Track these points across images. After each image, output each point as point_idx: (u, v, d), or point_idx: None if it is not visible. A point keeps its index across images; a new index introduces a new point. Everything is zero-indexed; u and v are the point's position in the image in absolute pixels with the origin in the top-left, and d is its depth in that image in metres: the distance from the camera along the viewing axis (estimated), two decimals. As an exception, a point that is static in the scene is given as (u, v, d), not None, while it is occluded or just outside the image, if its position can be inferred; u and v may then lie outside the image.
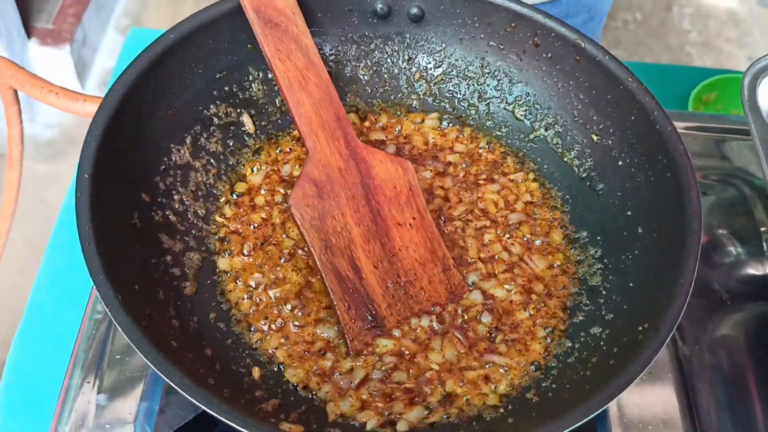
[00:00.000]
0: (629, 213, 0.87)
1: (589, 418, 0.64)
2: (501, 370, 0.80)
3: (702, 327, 1.00)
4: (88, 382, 0.86)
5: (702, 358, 0.96)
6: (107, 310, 0.67)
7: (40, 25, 2.82)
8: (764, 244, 1.10)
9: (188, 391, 0.63)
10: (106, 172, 0.76)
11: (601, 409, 0.65)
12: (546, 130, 0.98)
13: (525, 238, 0.91)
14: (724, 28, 3.41)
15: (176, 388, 0.63)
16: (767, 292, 1.06)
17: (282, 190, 0.92)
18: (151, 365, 0.64)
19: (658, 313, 0.72)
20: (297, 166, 0.94)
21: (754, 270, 1.09)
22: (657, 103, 0.86)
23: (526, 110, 0.99)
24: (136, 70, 0.82)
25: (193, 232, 0.87)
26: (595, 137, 0.93)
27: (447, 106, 1.02)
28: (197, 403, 0.62)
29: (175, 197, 0.86)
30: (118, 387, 0.86)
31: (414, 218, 0.87)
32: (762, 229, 1.12)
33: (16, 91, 1.13)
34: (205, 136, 0.91)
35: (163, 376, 0.63)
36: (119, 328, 0.66)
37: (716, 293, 1.03)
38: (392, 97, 1.02)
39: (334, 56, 1.00)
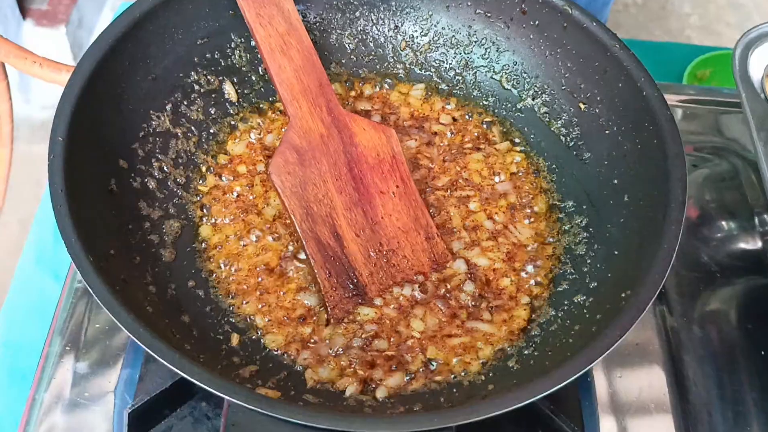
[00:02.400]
0: (615, 182, 0.86)
1: (568, 381, 0.63)
2: (483, 338, 0.79)
3: (691, 300, 0.99)
4: (68, 350, 0.85)
5: (691, 331, 0.95)
6: (79, 272, 0.65)
7: (36, 6, 2.80)
8: (755, 218, 1.09)
9: (160, 353, 0.62)
10: (82, 136, 0.75)
11: (580, 373, 0.64)
12: (533, 99, 0.96)
13: (510, 207, 0.89)
14: (724, 12, 3.39)
15: (148, 350, 0.62)
16: (757, 266, 1.05)
17: (264, 160, 0.91)
18: (123, 328, 0.63)
19: (641, 279, 0.71)
20: (280, 136, 0.93)
21: (744, 244, 1.08)
22: (644, 69, 0.85)
23: (513, 79, 0.98)
24: (113, 34, 0.81)
25: (174, 200, 0.86)
26: (582, 106, 0.92)
27: (433, 75, 1.00)
28: (170, 365, 0.61)
29: (155, 164, 0.85)
30: (98, 356, 0.85)
31: (397, 186, 0.86)
32: (753, 202, 1.10)
33: (3, 66, 1.12)
34: (185, 103, 0.90)
35: (135, 338, 0.62)
36: (91, 291, 0.64)
37: (706, 267, 1.02)
38: (378, 67, 1.01)
39: (318, 24, 0.98)
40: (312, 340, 0.78)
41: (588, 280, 0.81)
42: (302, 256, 0.83)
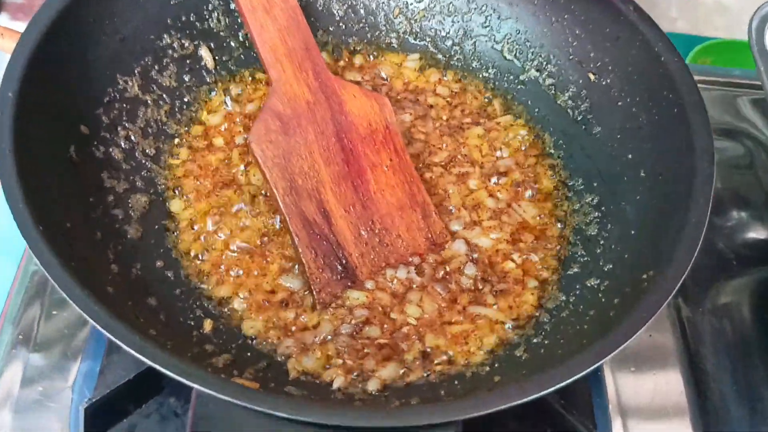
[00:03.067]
0: (630, 156, 0.78)
1: (589, 369, 0.55)
2: (487, 324, 0.71)
3: (706, 290, 0.91)
4: (21, 340, 0.76)
5: (706, 322, 0.88)
6: (26, 242, 0.56)
7: (11, 0, 2.70)
8: (770, 205, 1.02)
9: (118, 334, 0.53)
10: (36, 95, 0.67)
11: (604, 360, 0.56)
12: (538, 70, 0.89)
13: (513, 185, 0.81)
14: (712, 17, 3.35)
15: (104, 331, 0.53)
16: (770, 255, 0.98)
17: (243, 131, 0.83)
18: (76, 305, 0.54)
19: (667, 257, 0.63)
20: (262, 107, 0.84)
21: (758, 233, 1.01)
22: (662, 34, 0.78)
23: (516, 49, 0.90)
24: (75, -16, 0.72)
25: (142, 172, 0.77)
26: (592, 76, 0.84)
27: (429, 45, 0.93)
28: (128, 348, 0.53)
29: (121, 133, 0.76)
30: (54, 345, 0.76)
31: (391, 159, 0.78)
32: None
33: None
34: (157, 68, 0.81)
35: (89, 317, 0.53)
36: (37, 262, 0.55)
37: (722, 254, 0.95)
38: (369, 36, 0.93)
39: (304, -13, 0.90)
40: (295, 327, 0.70)
41: (602, 263, 0.73)
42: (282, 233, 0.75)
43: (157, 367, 0.51)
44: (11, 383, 0.73)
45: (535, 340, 0.69)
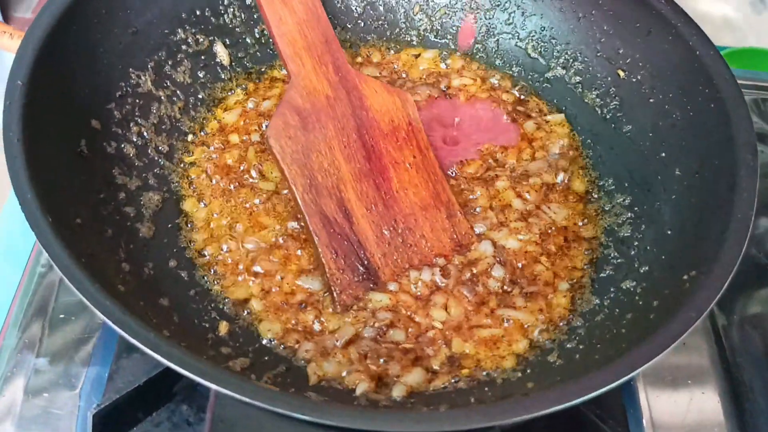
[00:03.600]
0: (663, 154, 0.75)
1: (636, 372, 0.51)
2: (518, 328, 0.67)
3: (739, 297, 0.87)
4: (26, 345, 0.73)
5: (742, 331, 0.84)
6: (34, 233, 0.53)
7: (19, 15, 2.69)
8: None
9: (131, 332, 0.50)
10: (46, 85, 0.64)
11: (651, 363, 0.52)
12: (564, 68, 0.85)
13: (543, 186, 0.78)
14: (719, 34, 3.33)
15: (117, 329, 0.50)
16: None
17: (259, 129, 0.80)
18: (87, 301, 0.51)
19: (711, 256, 0.59)
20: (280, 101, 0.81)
21: (790, 240, 0.97)
22: (696, 26, 0.74)
23: (540, 47, 0.87)
24: (87, -26, 0.70)
25: (155, 169, 0.74)
26: (621, 73, 0.81)
27: (450, 43, 0.90)
28: (142, 346, 0.49)
29: (133, 129, 0.73)
30: (61, 350, 0.73)
31: (414, 157, 0.75)
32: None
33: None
34: (171, 63, 0.79)
35: (102, 314, 0.50)
36: (47, 254, 0.52)
37: (755, 260, 0.91)
38: (388, 33, 0.90)
39: (322, -17, 0.88)
40: (315, 330, 0.66)
41: (637, 264, 0.70)
42: (303, 235, 0.71)
43: (174, 366, 0.48)
44: (16, 389, 0.70)
45: (569, 345, 0.65)
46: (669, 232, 0.69)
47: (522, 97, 0.85)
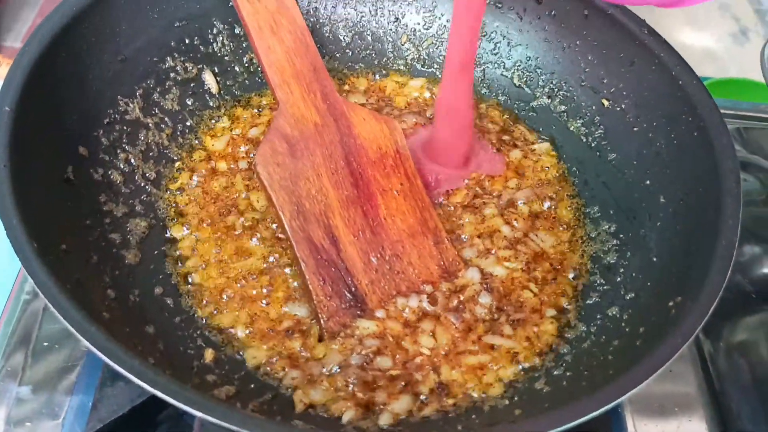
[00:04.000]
0: (648, 182, 0.76)
1: (622, 398, 0.51)
2: (505, 355, 0.67)
3: (726, 324, 0.88)
4: (9, 372, 0.71)
5: (729, 358, 0.84)
6: (19, 260, 0.53)
7: (8, 44, 2.70)
8: (786, 238, 0.99)
9: (115, 358, 0.49)
10: (34, 112, 0.64)
11: (636, 389, 0.52)
12: (549, 97, 0.87)
13: (531, 215, 0.78)
14: (701, 65, 3.38)
15: (100, 354, 0.49)
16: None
17: (247, 157, 0.80)
18: (70, 327, 0.50)
19: (697, 282, 0.60)
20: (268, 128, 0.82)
21: (772, 267, 0.98)
22: (679, 56, 0.76)
23: (526, 76, 0.88)
24: (76, 3, 0.70)
25: (141, 196, 0.74)
26: (606, 102, 0.82)
27: (437, 72, 0.91)
28: (126, 372, 0.49)
29: (121, 155, 0.74)
30: (44, 379, 0.72)
31: (402, 184, 0.75)
32: (783, 221, 1.01)
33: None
34: (159, 91, 0.79)
35: (84, 339, 0.49)
36: (32, 282, 0.52)
37: (740, 287, 0.91)
38: (376, 62, 0.91)
39: (310, 13, 0.89)
40: (301, 357, 0.66)
41: (623, 291, 0.70)
42: (288, 260, 0.71)
43: (159, 393, 0.47)
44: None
45: (556, 372, 0.65)
46: (655, 259, 0.70)
47: (508, 126, 0.86)
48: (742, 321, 0.88)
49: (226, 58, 0.85)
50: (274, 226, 0.74)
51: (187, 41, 0.82)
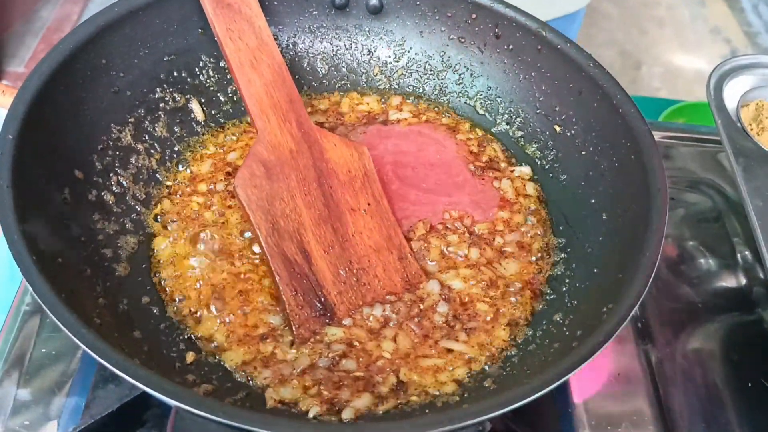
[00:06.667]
0: (593, 201, 0.83)
1: (549, 388, 0.58)
2: (459, 358, 0.74)
3: (675, 332, 0.95)
4: (10, 375, 0.79)
5: (675, 365, 0.91)
6: (20, 271, 0.60)
7: (12, 69, 2.79)
8: (737, 255, 1.06)
9: (101, 353, 0.56)
10: (35, 139, 0.71)
11: (562, 380, 0.59)
12: (508, 123, 0.94)
13: (496, 241, 0.85)
14: (693, 86, 3.47)
15: (91, 353, 0.56)
16: (741, 303, 1.01)
17: (225, 178, 0.87)
18: (61, 325, 0.57)
19: (624, 289, 0.67)
20: (244, 155, 0.89)
21: (727, 281, 1.05)
22: (620, 87, 0.83)
23: (487, 104, 0.96)
24: (74, 40, 0.78)
25: (132, 215, 0.81)
26: (558, 128, 0.90)
27: (408, 99, 0.98)
28: (108, 365, 0.56)
29: (113, 178, 0.81)
30: (42, 382, 0.79)
31: (369, 204, 0.82)
32: (735, 239, 1.08)
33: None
34: (149, 119, 0.87)
35: (77, 340, 0.57)
36: (32, 291, 0.59)
37: (689, 298, 0.99)
38: (352, 92, 0.99)
39: (290, 47, 0.97)
40: (274, 359, 0.72)
41: (567, 299, 0.77)
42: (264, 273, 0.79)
43: (136, 382, 0.54)
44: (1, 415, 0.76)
45: (503, 373, 0.72)
46: (596, 270, 0.77)
47: (477, 149, 0.93)
48: (690, 332, 0.95)
49: (212, 88, 0.92)
50: (253, 241, 0.81)
51: (175, 74, 0.89)
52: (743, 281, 1.04)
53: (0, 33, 2.82)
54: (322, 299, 0.77)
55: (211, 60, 0.92)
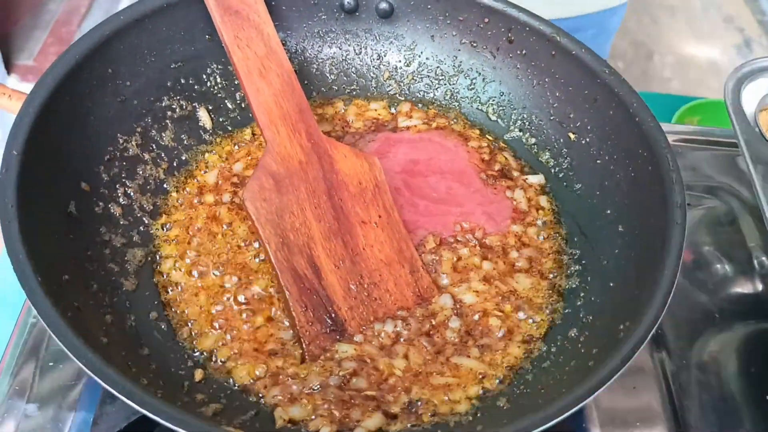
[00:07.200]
0: (608, 212, 0.81)
1: (566, 415, 0.57)
2: (471, 375, 0.72)
3: (690, 343, 0.93)
4: (17, 391, 0.78)
5: (692, 376, 0.89)
6: (25, 293, 0.59)
7: (21, 62, 2.78)
8: (755, 261, 1.04)
9: (108, 379, 0.55)
10: (40, 153, 0.70)
11: (578, 407, 0.57)
12: (521, 130, 0.93)
13: (508, 255, 0.83)
14: (705, 77, 3.42)
15: (97, 378, 0.55)
16: (759, 310, 1.00)
17: (230, 189, 0.86)
18: (68, 352, 0.56)
19: (642, 309, 0.65)
20: (250, 165, 0.88)
21: (743, 288, 1.03)
22: (636, 95, 0.81)
23: (500, 110, 0.94)
24: (80, 50, 0.77)
25: (139, 227, 0.80)
26: (572, 135, 0.88)
27: (418, 105, 0.97)
28: (116, 392, 0.55)
29: (120, 189, 0.80)
30: (50, 396, 0.78)
31: (380, 216, 0.81)
32: (751, 244, 1.06)
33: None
34: (156, 128, 0.85)
35: (80, 362, 0.56)
36: (36, 312, 0.58)
37: (704, 308, 0.97)
38: (360, 98, 0.97)
39: (298, 52, 0.95)
40: (283, 377, 0.71)
41: (582, 314, 0.76)
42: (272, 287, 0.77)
43: (145, 412, 0.53)
44: (9, 430, 0.75)
45: (517, 391, 0.71)
46: (611, 285, 0.76)
47: (489, 157, 0.92)
48: (706, 341, 0.93)
49: (219, 95, 0.91)
50: (259, 253, 0.80)
51: (182, 81, 0.88)
52: (759, 287, 1.02)
53: (8, 27, 2.82)
54: (333, 315, 0.75)
55: (219, 66, 0.90)
